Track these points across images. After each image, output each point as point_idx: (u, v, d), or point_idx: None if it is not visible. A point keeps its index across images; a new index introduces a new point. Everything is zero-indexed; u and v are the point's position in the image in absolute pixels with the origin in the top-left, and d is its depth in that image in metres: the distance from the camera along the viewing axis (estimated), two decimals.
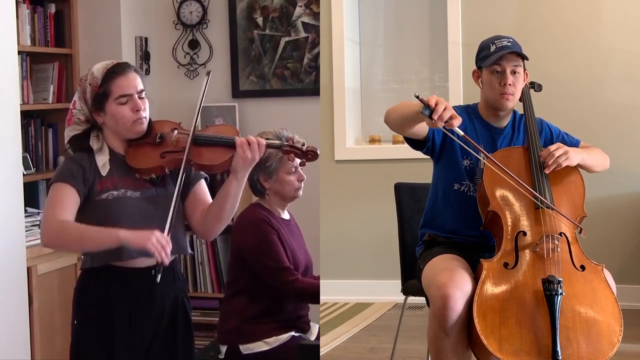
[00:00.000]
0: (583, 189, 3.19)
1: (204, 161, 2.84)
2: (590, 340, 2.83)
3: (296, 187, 3.50)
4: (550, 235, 2.99)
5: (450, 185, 3.26)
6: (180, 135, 2.86)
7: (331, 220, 5.73)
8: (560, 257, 2.97)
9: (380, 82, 5.98)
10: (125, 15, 4.90)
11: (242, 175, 2.86)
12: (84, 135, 2.89)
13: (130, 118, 2.83)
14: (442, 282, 2.93)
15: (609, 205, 5.32)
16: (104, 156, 2.85)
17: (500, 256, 2.98)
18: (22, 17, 4.46)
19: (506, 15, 5.54)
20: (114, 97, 2.82)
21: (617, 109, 5.38)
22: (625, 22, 5.36)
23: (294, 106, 5.01)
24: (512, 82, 3.18)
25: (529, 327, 2.82)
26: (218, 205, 2.92)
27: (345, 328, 5.08)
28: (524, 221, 3.04)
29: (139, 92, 2.84)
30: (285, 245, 3.44)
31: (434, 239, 3.31)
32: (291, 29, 5.05)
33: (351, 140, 5.90)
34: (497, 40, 3.21)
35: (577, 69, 5.41)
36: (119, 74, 2.83)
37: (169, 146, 2.85)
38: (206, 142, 2.86)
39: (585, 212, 3.14)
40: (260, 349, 3.39)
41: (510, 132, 3.29)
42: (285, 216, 3.57)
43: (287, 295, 3.41)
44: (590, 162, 3.28)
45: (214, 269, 4.98)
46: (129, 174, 2.85)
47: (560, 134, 3.37)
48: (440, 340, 2.93)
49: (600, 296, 2.94)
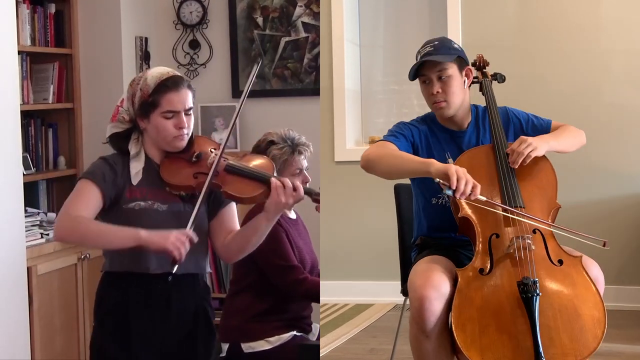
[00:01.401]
0: (554, 178, 3.12)
1: (234, 191, 2.80)
2: (574, 335, 2.78)
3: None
4: (520, 236, 2.93)
5: (429, 201, 3.25)
6: (216, 158, 2.81)
7: (331, 221, 5.73)
8: (536, 255, 2.91)
9: (380, 83, 5.98)
10: (125, 15, 4.90)
11: (273, 216, 2.83)
12: (126, 135, 2.86)
13: (172, 133, 2.80)
14: (418, 284, 2.91)
15: (609, 206, 5.32)
16: (139, 164, 2.83)
17: (476, 262, 2.94)
18: (22, 17, 4.45)
19: (506, 16, 5.53)
20: (161, 110, 2.79)
21: (617, 110, 5.37)
22: (625, 23, 5.36)
23: (294, 106, 5.01)
24: (439, 89, 3.12)
25: (509, 332, 2.78)
26: (244, 237, 2.89)
27: (345, 329, 5.08)
28: (495, 224, 2.99)
29: (186, 110, 2.81)
30: (292, 244, 3.45)
31: (424, 241, 3.31)
32: (291, 29, 5.04)
33: (351, 141, 5.90)
34: (421, 48, 3.16)
35: (577, 69, 5.41)
36: (171, 88, 2.80)
37: (203, 167, 2.82)
38: (240, 173, 2.82)
39: (559, 204, 3.08)
40: (262, 348, 3.39)
41: (474, 131, 3.24)
42: (292, 216, 3.58)
43: (295, 294, 3.40)
44: (561, 146, 3.19)
45: (214, 269, 4.98)
46: (160, 185, 2.82)
47: (529, 119, 3.28)
48: (420, 343, 2.91)
49: (580, 289, 2.88)
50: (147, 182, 2.82)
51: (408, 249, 3.63)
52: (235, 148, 5.00)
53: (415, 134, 3.20)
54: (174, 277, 2.71)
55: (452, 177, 2.83)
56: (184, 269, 2.76)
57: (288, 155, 3.44)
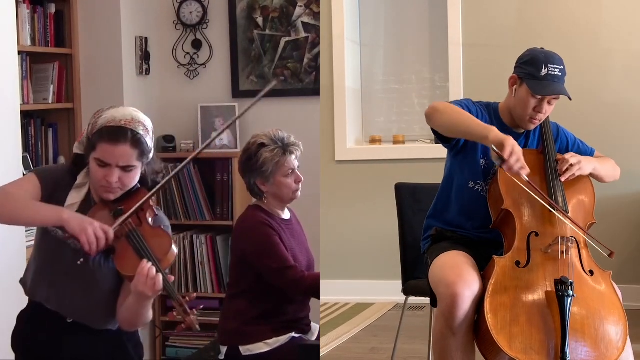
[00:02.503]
0: (594, 196, 3.19)
1: (117, 263, 2.65)
2: (598, 345, 2.83)
3: (294, 189, 3.47)
4: (564, 237, 2.99)
5: (466, 182, 3.23)
6: (128, 224, 2.67)
7: (332, 220, 5.73)
8: (571, 260, 2.97)
9: (381, 82, 5.98)
10: (125, 15, 4.90)
11: (137, 299, 2.63)
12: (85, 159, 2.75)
13: (99, 182, 2.67)
14: (451, 281, 2.91)
15: (609, 206, 5.31)
16: (77, 196, 2.72)
17: (512, 254, 2.97)
18: (22, 17, 4.45)
19: (506, 16, 5.53)
20: (95, 155, 2.66)
21: (617, 109, 5.38)
22: (625, 23, 5.36)
23: (294, 106, 5.01)
24: (545, 111, 3.17)
25: (539, 326, 2.82)
26: (123, 313, 2.73)
27: (345, 328, 5.08)
28: (536, 222, 3.03)
29: (122, 167, 2.65)
30: (286, 246, 3.42)
31: (441, 233, 3.28)
32: (291, 29, 5.04)
33: (352, 140, 5.90)
34: (550, 65, 3.14)
35: (577, 69, 5.40)
36: (107, 139, 2.64)
37: (116, 228, 2.65)
38: (133, 246, 2.65)
39: (595, 219, 3.14)
40: (260, 350, 3.38)
41: (525, 136, 3.27)
42: (285, 216, 3.55)
43: (296, 293, 3.40)
44: (602, 173, 3.29)
45: (214, 269, 4.98)
46: None
47: (575, 142, 3.36)
48: (446, 340, 2.92)
49: (607, 302, 2.94)
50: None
51: (409, 248, 3.63)
52: (235, 148, 5.00)
53: (479, 116, 3.20)
54: (72, 321, 2.68)
55: (507, 147, 2.86)
56: (76, 317, 2.71)
57: (280, 157, 3.41)
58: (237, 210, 4.88)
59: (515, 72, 3.20)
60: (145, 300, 2.63)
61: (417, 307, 5.13)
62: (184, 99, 5.15)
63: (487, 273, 2.96)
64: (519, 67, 3.20)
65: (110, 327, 2.79)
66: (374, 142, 5.93)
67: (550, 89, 3.12)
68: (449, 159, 3.32)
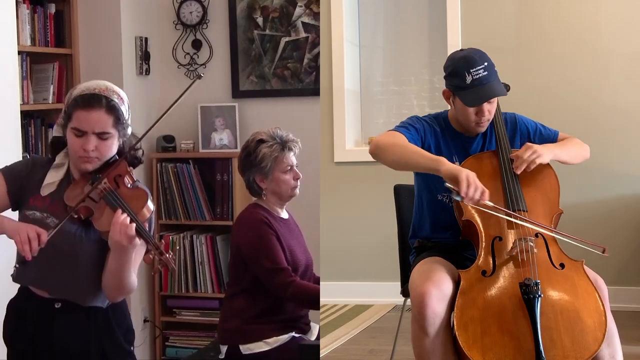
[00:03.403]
0: (557, 184, 3.16)
1: (96, 223, 2.67)
2: (575, 337, 2.80)
3: (292, 186, 3.50)
4: (523, 238, 2.96)
5: (435, 197, 3.25)
6: (105, 186, 2.69)
7: (331, 222, 5.73)
8: (538, 258, 2.94)
9: (380, 84, 5.98)
10: (125, 15, 4.90)
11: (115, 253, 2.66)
12: (65, 142, 2.77)
13: (77, 152, 2.68)
14: (418, 283, 2.92)
15: (608, 207, 5.32)
16: (57, 175, 2.74)
17: (478, 264, 2.96)
18: (22, 17, 4.45)
19: (505, 18, 5.53)
20: (71, 125, 2.68)
21: (616, 112, 5.38)
22: (624, 25, 5.36)
23: (294, 106, 5.01)
24: (488, 111, 3.13)
25: (511, 333, 2.80)
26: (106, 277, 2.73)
27: (344, 330, 5.08)
28: (498, 227, 3.01)
29: (99, 133, 2.67)
30: (284, 245, 3.43)
31: (422, 244, 3.31)
32: (291, 29, 5.04)
33: (350, 142, 5.90)
34: (472, 70, 3.09)
35: (576, 72, 5.41)
36: (82, 105, 2.66)
37: (94, 192, 2.69)
38: (112, 205, 2.67)
39: (561, 209, 3.11)
40: (260, 349, 3.38)
41: (482, 138, 3.25)
42: (284, 215, 3.56)
43: (283, 296, 3.40)
44: (565, 156, 3.23)
45: (214, 269, 4.98)
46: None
47: (537, 128, 3.31)
48: (420, 341, 2.92)
49: (581, 292, 2.90)
50: (57, 196, 2.72)
51: (408, 250, 3.62)
52: (235, 148, 5.00)
53: (427, 131, 3.20)
54: (61, 306, 2.68)
55: (462, 182, 2.84)
56: (64, 295, 2.71)
57: (278, 152, 3.45)
58: (237, 210, 4.87)
59: (445, 84, 3.20)
60: (123, 254, 2.64)
61: None
62: (184, 99, 5.13)
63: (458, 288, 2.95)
64: (446, 80, 3.20)
65: (98, 303, 2.78)
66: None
67: (480, 96, 3.09)
68: (415, 177, 3.34)
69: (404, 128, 3.16)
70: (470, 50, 3.21)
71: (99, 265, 2.74)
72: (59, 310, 2.74)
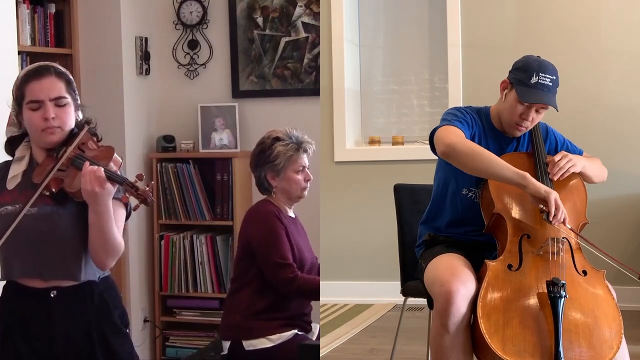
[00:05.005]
0: (585, 195, 3.21)
1: (66, 186, 2.63)
2: (592, 344, 2.83)
3: (302, 187, 3.53)
4: (555, 238, 2.99)
5: (460, 190, 3.24)
6: (71, 154, 2.66)
7: (331, 221, 5.73)
8: (564, 261, 2.97)
9: (380, 83, 5.98)
10: (125, 15, 4.90)
11: (91, 207, 2.62)
12: (20, 139, 2.75)
13: (39, 126, 2.65)
14: (445, 279, 2.92)
15: (609, 207, 5.32)
16: (19, 167, 2.71)
17: (504, 258, 2.98)
18: (22, 17, 4.45)
19: (505, 18, 5.54)
20: (26, 101, 2.66)
21: (617, 111, 5.38)
22: (624, 24, 5.36)
23: (294, 106, 5.01)
24: (532, 119, 3.17)
25: (532, 328, 2.82)
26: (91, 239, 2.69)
27: (344, 329, 5.08)
28: (528, 224, 3.04)
29: (55, 99, 2.66)
30: (292, 242, 3.45)
31: (434, 238, 3.30)
32: (291, 29, 5.05)
33: (351, 141, 5.90)
34: (542, 74, 3.13)
35: (577, 71, 5.41)
36: (32, 77, 2.68)
37: (62, 164, 2.65)
38: (79, 166, 2.64)
39: (587, 219, 3.16)
40: (263, 346, 3.39)
41: (516, 140, 3.28)
42: (291, 214, 3.59)
43: (287, 292, 3.41)
44: (591, 172, 3.29)
45: (214, 269, 4.98)
46: (35, 188, 2.65)
47: (564, 142, 3.36)
48: (440, 337, 2.92)
49: (601, 301, 2.94)
50: (23, 186, 2.70)
51: (408, 249, 3.62)
52: (235, 148, 5.00)
53: (473, 125, 3.20)
54: (55, 295, 2.66)
55: (550, 204, 2.92)
56: (57, 276, 2.68)
57: (293, 152, 3.49)
58: (237, 210, 4.88)
59: (508, 76, 3.21)
60: (99, 204, 2.60)
61: (416, 308, 5.13)
62: (184, 99, 5.15)
63: (479, 277, 2.96)
64: (511, 72, 3.21)
65: (91, 276, 2.75)
66: (373, 143, 5.93)
67: (537, 97, 3.12)
68: (442, 167, 3.32)
69: (458, 122, 3.14)
70: (547, 61, 3.23)
71: (83, 235, 2.70)
72: (55, 299, 2.71)
